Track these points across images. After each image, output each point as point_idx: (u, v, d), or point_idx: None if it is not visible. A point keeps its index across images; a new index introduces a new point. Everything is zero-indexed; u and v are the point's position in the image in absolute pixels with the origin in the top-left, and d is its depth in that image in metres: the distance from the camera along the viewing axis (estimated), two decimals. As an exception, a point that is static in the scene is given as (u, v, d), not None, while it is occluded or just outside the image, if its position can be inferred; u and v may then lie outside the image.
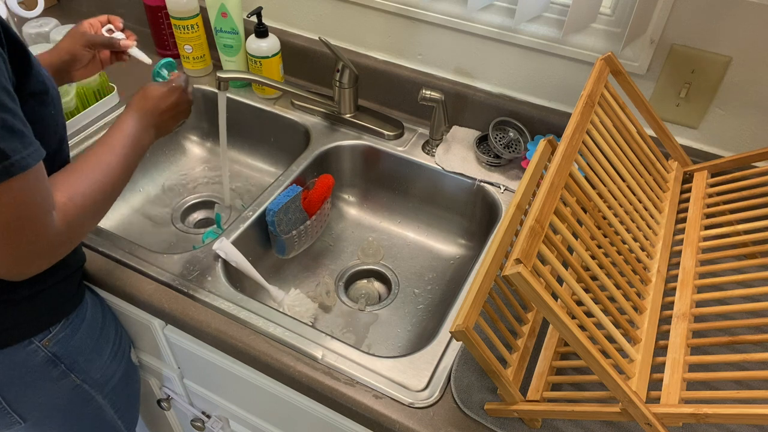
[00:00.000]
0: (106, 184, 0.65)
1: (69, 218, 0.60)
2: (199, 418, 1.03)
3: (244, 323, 0.77)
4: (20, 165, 0.52)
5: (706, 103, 0.89)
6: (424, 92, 0.97)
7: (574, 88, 0.97)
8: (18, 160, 0.52)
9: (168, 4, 1.10)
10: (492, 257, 0.60)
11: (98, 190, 0.64)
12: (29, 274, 0.60)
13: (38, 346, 0.75)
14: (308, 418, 0.82)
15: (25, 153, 0.53)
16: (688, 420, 0.52)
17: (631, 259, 0.68)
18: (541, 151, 0.69)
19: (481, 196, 1.01)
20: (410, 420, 0.67)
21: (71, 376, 0.79)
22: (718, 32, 0.82)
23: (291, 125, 1.12)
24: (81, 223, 0.62)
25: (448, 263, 1.06)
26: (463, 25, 0.97)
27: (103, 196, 0.65)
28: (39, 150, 0.55)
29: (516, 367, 0.66)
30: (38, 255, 0.59)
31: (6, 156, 0.51)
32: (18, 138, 0.53)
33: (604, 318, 0.58)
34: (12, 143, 0.52)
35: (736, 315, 0.69)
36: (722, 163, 0.84)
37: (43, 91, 0.63)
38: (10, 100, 0.53)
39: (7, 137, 0.52)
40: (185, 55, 1.16)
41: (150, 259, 0.84)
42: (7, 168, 0.51)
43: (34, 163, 0.54)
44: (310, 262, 1.05)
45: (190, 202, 1.15)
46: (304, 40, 1.14)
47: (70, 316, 0.78)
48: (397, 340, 0.94)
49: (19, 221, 0.54)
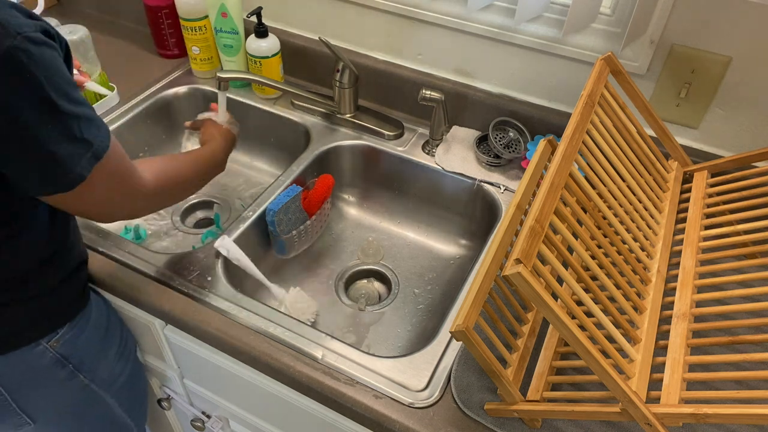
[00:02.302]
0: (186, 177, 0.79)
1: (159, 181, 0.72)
2: (199, 418, 1.03)
3: (244, 323, 0.77)
4: (104, 146, 0.62)
5: (706, 103, 0.89)
6: (424, 92, 0.97)
7: (574, 88, 0.97)
8: (99, 143, 0.61)
9: (177, 5, 1.10)
10: (492, 257, 0.60)
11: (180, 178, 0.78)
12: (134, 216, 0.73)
13: (46, 348, 0.75)
14: (308, 418, 0.82)
15: (101, 135, 0.62)
16: (688, 420, 0.52)
17: (631, 259, 0.68)
18: (541, 151, 0.69)
19: (481, 196, 1.01)
20: (410, 420, 0.67)
21: (79, 376, 0.80)
22: (718, 32, 0.82)
23: (291, 125, 1.12)
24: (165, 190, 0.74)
25: (448, 263, 1.06)
26: (463, 25, 0.97)
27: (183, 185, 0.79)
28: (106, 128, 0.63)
29: (516, 367, 0.66)
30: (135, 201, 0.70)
31: (90, 144, 0.60)
32: (94, 124, 0.61)
33: (604, 318, 0.58)
34: (91, 131, 0.60)
35: (736, 315, 0.69)
36: (722, 163, 0.84)
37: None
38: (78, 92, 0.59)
39: (88, 127, 0.60)
40: (193, 56, 1.16)
41: (150, 259, 0.84)
42: (94, 153, 0.60)
43: (109, 142, 0.63)
44: (310, 262, 1.05)
45: (190, 202, 1.15)
46: (304, 40, 1.14)
47: (76, 317, 0.78)
48: (397, 340, 0.94)
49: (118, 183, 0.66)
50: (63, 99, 0.56)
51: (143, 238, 1.06)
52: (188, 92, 1.18)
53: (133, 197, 0.69)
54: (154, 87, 1.16)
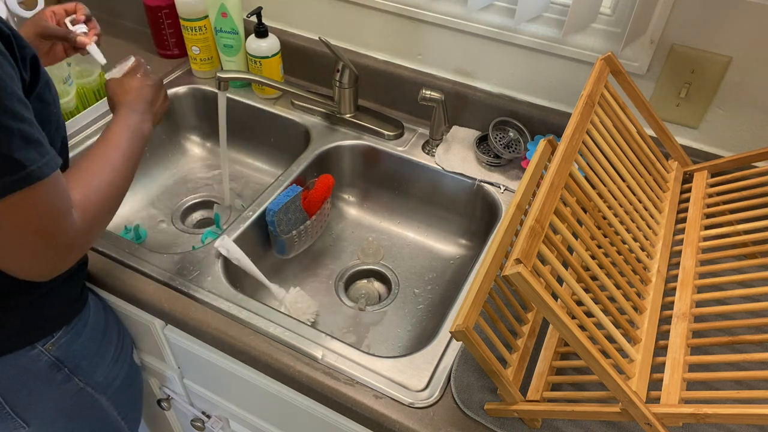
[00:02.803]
0: (117, 179, 0.67)
1: (88, 215, 0.61)
2: (199, 418, 1.03)
3: (244, 323, 0.77)
4: (37, 174, 0.53)
5: (706, 103, 0.89)
6: (424, 92, 0.97)
7: (574, 88, 0.97)
8: (34, 169, 0.53)
9: (177, 5, 1.10)
10: (492, 257, 0.60)
11: (111, 185, 0.65)
12: (56, 272, 0.62)
13: (41, 351, 0.75)
14: (308, 418, 0.82)
15: (42, 162, 0.54)
16: (688, 420, 0.52)
17: (631, 259, 0.68)
18: (541, 151, 0.69)
19: (481, 196, 1.01)
20: (410, 420, 0.67)
21: (74, 380, 0.79)
22: (718, 32, 0.82)
23: (291, 125, 1.12)
24: (99, 219, 0.64)
25: (448, 263, 1.06)
26: (463, 25, 0.97)
27: (116, 191, 0.67)
28: (55, 158, 0.56)
29: (516, 367, 0.66)
30: (63, 253, 0.60)
31: (23, 166, 0.52)
32: (34, 147, 0.53)
33: (604, 318, 0.58)
34: (28, 153, 0.53)
35: (736, 315, 0.69)
36: (722, 163, 0.84)
37: (44, 84, 0.63)
38: (24, 109, 0.53)
39: (24, 147, 0.52)
40: (193, 56, 1.16)
41: (150, 259, 0.84)
42: (23, 178, 0.52)
43: (51, 172, 0.55)
44: (310, 262, 1.05)
45: (189, 202, 1.15)
46: (304, 40, 1.14)
47: (72, 320, 0.77)
48: (397, 340, 0.94)
49: (42, 225, 0.56)
50: None
51: (143, 238, 1.06)
52: (188, 92, 1.18)
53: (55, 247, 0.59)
54: (154, 87, 1.16)
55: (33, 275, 0.60)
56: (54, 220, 0.57)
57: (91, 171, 0.65)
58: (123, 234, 1.05)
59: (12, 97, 0.52)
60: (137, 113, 0.74)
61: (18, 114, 0.52)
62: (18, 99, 0.53)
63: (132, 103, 0.75)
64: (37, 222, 0.56)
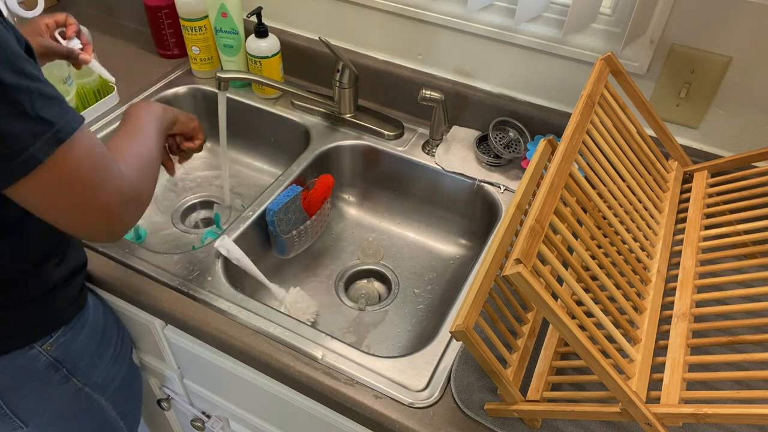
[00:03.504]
0: (150, 154, 0.69)
1: (133, 169, 0.62)
2: (199, 418, 1.03)
3: (244, 323, 0.77)
4: (67, 129, 0.53)
5: (706, 103, 0.89)
6: (424, 92, 0.97)
7: (574, 88, 0.97)
8: (63, 125, 0.53)
9: (177, 5, 1.10)
10: (492, 257, 0.60)
11: (145, 156, 0.67)
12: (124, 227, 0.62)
13: (39, 351, 0.74)
14: (308, 418, 0.82)
15: (69, 117, 0.54)
16: (688, 420, 0.52)
17: (631, 259, 0.68)
18: (541, 151, 0.69)
19: (481, 196, 1.01)
20: (410, 420, 0.67)
21: (73, 380, 0.79)
22: (718, 32, 0.82)
23: (291, 125, 1.12)
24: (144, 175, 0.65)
25: (448, 263, 1.06)
26: (463, 25, 0.97)
27: (150, 163, 0.68)
28: (77, 114, 0.56)
29: (516, 367, 0.66)
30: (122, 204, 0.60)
31: (51, 124, 0.52)
32: (57, 104, 0.53)
33: (604, 318, 0.58)
34: (53, 110, 0.52)
35: (736, 315, 0.69)
36: (722, 163, 0.84)
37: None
38: (37, 70, 0.53)
39: (48, 106, 0.52)
40: (193, 56, 1.16)
41: (150, 259, 0.84)
42: (56, 134, 0.52)
43: (78, 126, 0.55)
44: (310, 262, 1.05)
45: (190, 202, 1.15)
46: (304, 40, 1.14)
47: (71, 320, 0.77)
48: (397, 340, 0.94)
49: (92, 177, 0.56)
50: (6, 70, 0.49)
51: (143, 238, 1.06)
52: (188, 92, 1.18)
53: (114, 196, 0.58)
54: (154, 87, 1.16)
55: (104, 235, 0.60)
56: (101, 170, 0.57)
57: (125, 142, 0.67)
58: None
59: (22, 59, 0.51)
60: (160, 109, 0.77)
61: (32, 74, 0.52)
62: (28, 61, 0.52)
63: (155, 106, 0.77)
64: (87, 175, 0.55)
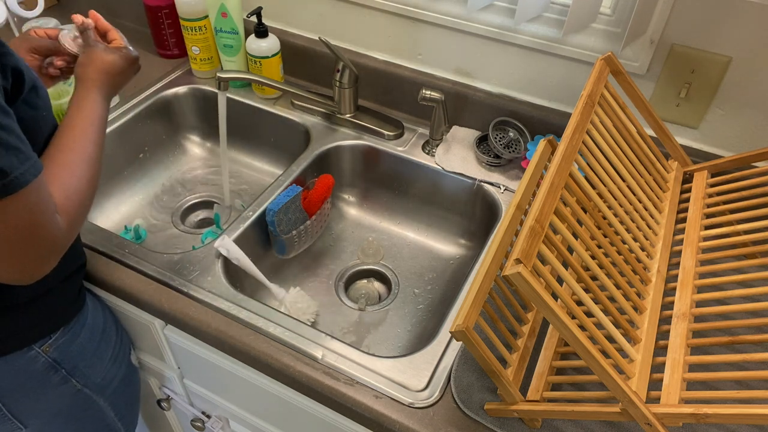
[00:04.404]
0: (92, 174, 0.67)
1: (70, 216, 0.62)
2: (199, 418, 1.03)
3: (244, 323, 0.77)
4: (19, 182, 0.53)
5: (706, 103, 0.89)
6: (424, 92, 0.97)
7: (574, 88, 0.97)
8: (17, 176, 0.53)
9: (177, 5, 1.10)
10: (492, 257, 0.60)
11: (87, 182, 0.66)
12: (40, 275, 0.62)
13: (38, 352, 0.74)
14: (308, 418, 0.82)
15: (23, 169, 0.54)
16: (688, 420, 0.52)
17: (631, 259, 0.68)
18: (541, 151, 0.69)
19: (481, 196, 1.01)
20: (410, 420, 0.67)
21: (72, 381, 0.79)
22: (718, 32, 0.82)
23: (291, 125, 1.12)
24: (80, 218, 0.65)
25: (448, 263, 1.06)
26: (463, 25, 0.97)
27: (92, 186, 0.67)
28: (36, 164, 0.56)
29: (516, 367, 0.66)
30: (48, 256, 0.61)
31: (5, 174, 0.52)
32: (14, 154, 0.53)
33: (604, 318, 0.58)
34: (8, 160, 0.52)
35: (736, 315, 0.69)
36: (722, 163, 0.84)
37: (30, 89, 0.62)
38: (4, 116, 0.53)
39: (3, 154, 0.52)
40: (193, 56, 1.16)
41: (150, 259, 0.84)
42: (6, 185, 0.52)
43: (32, 179, 0.55)
44: (310, 262, 1.05)
45: (190, 202, 1.15)
46: (304, 40, 1.14)
47: (71, 321, 0.77)
48: (397, 340, 0.94)
49: (29, 230, 0.56)
50: None
51: (143, 238, 1.06)
52: (188, 92, 1.18)
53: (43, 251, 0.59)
54: (154, 87, 1.16)
55: (15, 280, 0.60)
56: (40, 226, 0.57)
57: (69, 169, 0.64)
58: (123, 234, 1.05)
59: None
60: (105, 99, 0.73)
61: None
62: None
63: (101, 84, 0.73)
64: (23, 228, 0.55)
